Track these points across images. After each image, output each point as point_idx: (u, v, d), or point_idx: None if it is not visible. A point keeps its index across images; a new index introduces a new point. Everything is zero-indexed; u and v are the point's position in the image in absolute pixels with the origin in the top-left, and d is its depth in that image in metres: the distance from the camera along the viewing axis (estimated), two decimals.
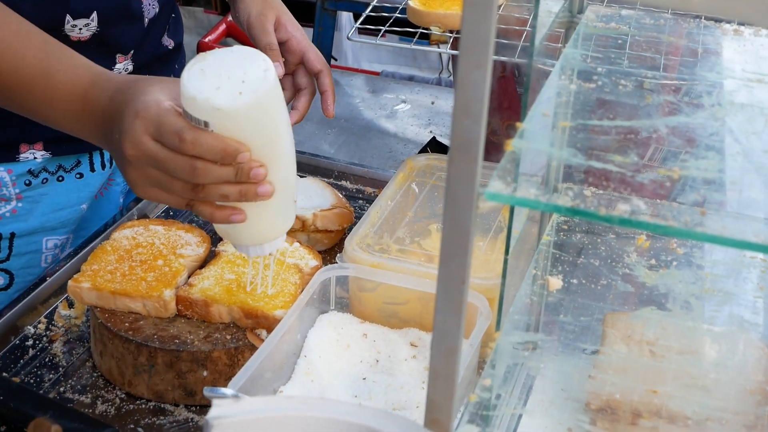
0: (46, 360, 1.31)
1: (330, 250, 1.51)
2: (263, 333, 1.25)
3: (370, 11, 1.65)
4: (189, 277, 1.33)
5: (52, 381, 1.27)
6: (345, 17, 3.43)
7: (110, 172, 1.58)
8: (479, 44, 0.70)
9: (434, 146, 2.07)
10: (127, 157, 1.11)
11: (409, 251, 1.36)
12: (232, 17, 1.59)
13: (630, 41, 1.11)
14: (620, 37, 1.11)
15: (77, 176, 1.52)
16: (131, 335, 1.25)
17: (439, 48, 2.71)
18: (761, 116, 1.01)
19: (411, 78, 3.00)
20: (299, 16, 1.61)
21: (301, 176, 1.59)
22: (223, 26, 3.21)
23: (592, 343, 1.12)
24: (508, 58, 1.51)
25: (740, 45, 1.14)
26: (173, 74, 1.62)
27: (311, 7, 2.78)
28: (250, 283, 1.30)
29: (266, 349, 1.15)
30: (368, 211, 1.43)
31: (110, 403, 1.24)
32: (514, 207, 0.95)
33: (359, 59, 3.70)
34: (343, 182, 1.73)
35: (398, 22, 1.65)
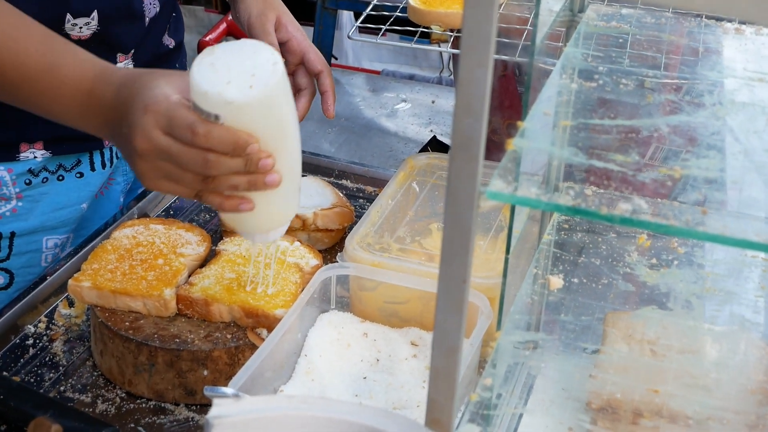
0: (47, 359, 1.30)
1: (330, 249, 1.51)
2: (264, 332, 1.25)
3: (371, 10, 1.65)
4: (189, 276, 1.33)
5: (53, 380, 1.27)
6: (345, 16, 3.43)
7: (110, 172, 1.58)
8: (480, 43, 0.70)
9: (435, 145, 2.07)
10: (138, 151, 1.12)
11: (410, 250, 1.36)
12: (233, 17, 1.59)
13: (631, 40, 1.11)
14: (621, 36, 1.11)
15: (77, 175, 1.52)
16: (131, 334, 1.24)
17: (440, 47, 2.71)
18: (762, 115, 1.01)
19: (411, 77, 3.00)
20: (299, 15, 1.61)
21: (302, 175, 1.59)
22: (224, 25, 3.21)
23: (593, 343, 1.12)
24: (509, 57, 1.50)
25: (741, 44, 1.13)
26: None
27: (312, 6, 2.78)
28: (251, 282, 1.30)
29: (267, 349, 1.15)
30: (369, 210, 1.43)
31: (110, 403, 1.24)
32: (515, 206, 0.94)
33: (360, 58, 3.70)
34: (344, 181, 1.73)
35: (399, 21, 1.65)
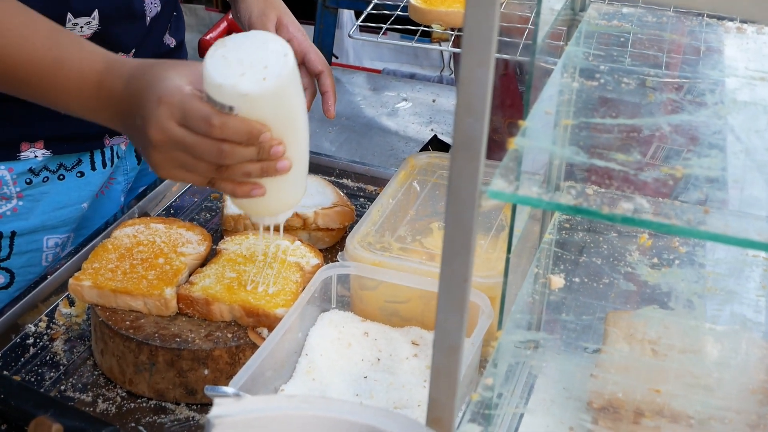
0: (47, 358, 1.30)
1: (331, 249, 1.51)
2: (264, 331, 1.25)
3: (372, 9, 1.65)
4: (190, 276, 1.33)
5: (53, 379, 1.27)
6: (346, 15, 3.43)
7: (111, 171, 1.58)
8: (482, 42, 0.70)
9: (435, 144, 2.07)
10: (153, 142, 1.15)
11: (411, 249, 1.36)
12: (233, 17, 1.59)
13: (632, 39, 1.10)
14: (622, 35, 1.11)
15: (78, 175, 1.52)
16: (132, 333, 1.24)
17: (441, 46, 2.71)
18: (764, 114, 1.01)
19: (412, 76, 3.00)
20: (300, 14, 1.60)
21: None
22: (225, 24, 3.21)
23: (594, 342, 1.11)
24: (511, 56, 1.50)
25: (743, 43, 1.13)
26: None
27: (312, 5, 2.77)
28: (251, 282, 1.30)
29: (267, 348, 1.15)
30: (369, 210, 1.42)
31: (111, 402, 1.24)
32: (516, 205, 0.94)
33: (360, 57, 3.70)
34: (345, 180, 1.72)
35: (399, 20, 1.65)
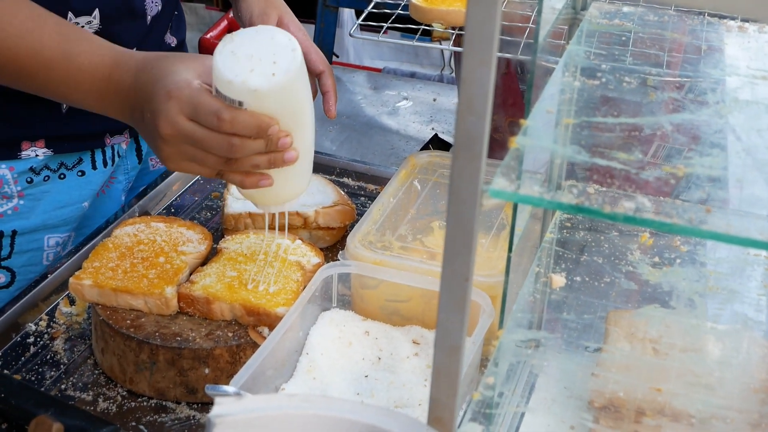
0: (48, 357, 1.30)
1: (332, 248, 1.51)
2: (265, 330, 1.25)
3: (372, 8, 1.64)
4: (191, 275, 1.33)
5: (54, 378, 1.27)
6: (347, 14, 3.42)
7: (112, 170, 1.58)
8: (483, 42, 0.70)
9: (436, 143, 2.07)
10: (163, 136, 1.17)
11: (412, 248, 1.36)
12: (234, 16, 1.59)
13: (633, 38, 1.10)
14: (624, 34, 1.10)
15: (79, 174, 1.52)
16: (133, 332, 1.24)
17: (441, 45, 2.71)
18: (765, 113, 1.01)
19: (413, 75, 2.99)
20: (301, 13, 1.60)
21: None
22: (225, 23, 3.21)
23: (595, 341, 1.11)
24: (512, 55, 1.50)
25: (744, 41, 1.13)
26: None
27: (313, 4, 2.77)
28: (252, 281, 1.30)
29: (268, 347, 1.15)
30: (370, 209, 1.42)
31: (112, 401, 1.24)
32: (518, 204, 0.94)
33: (361, 56, 3.70)
34: (345, 179, 1.72)
35: (400, 19, 1.65)
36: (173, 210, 1.62)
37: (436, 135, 2.12)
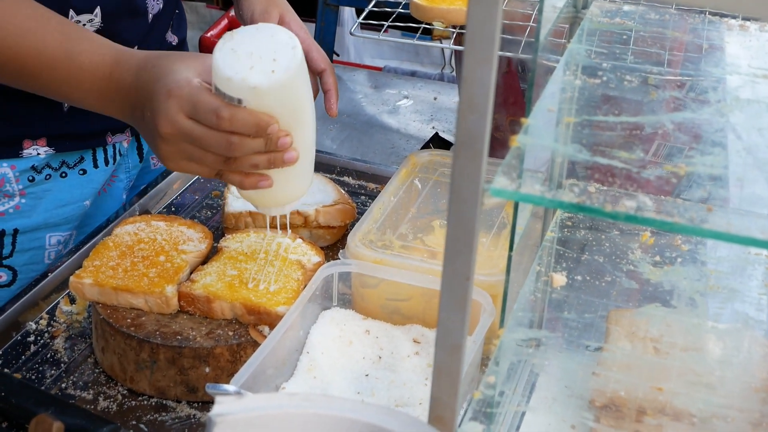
0: (48, 356, 1.30)
1: (332, 246, 1.51)
2: (266, 329, 1.25)
3: (373, 6, 1.64)
4: (191, 273, 1.33)
5: (54, 377, 1.27)
6: (347, 12, 3.42)
7: (113, 169, 1.57)
8: (485, 40, 0.69)
9: (437, 142, 2.07)
10: (162, 135, 1.16)
11: (412, 247, 1.36)
12: (235, 14, 1.59)
13: (634, 36, 1.10)
14: (625, 33, 1.10)
15: (80, 172, 1.52)
16: (133, 331, 1.24)
17: (442, 43, 2.71)
18: (766, 112, 1.01)
19: (413, 73, 2.99)
20: (301, 12, 1.60)
21: None
22: (225, 21, 3.21)
23: (596, 340, 1.11)
24: (513, 54, 1.50)
25: (745, 40, 1.13)
26: None
27: (313, 3, 2.77)
28: (253, 279, 1.30)
29: (269, 346, 1.15)
30: (371, 207, 1.42)
31: (112, 400, 1.24)
32: (519, 203, 0.94)
33: (361, 54, 3.69)
34: (346, 178, 1.72)
35: (401, 18, 1.65)
36: (174, 209, 1.62)
37: (437, 134, 2.12)
